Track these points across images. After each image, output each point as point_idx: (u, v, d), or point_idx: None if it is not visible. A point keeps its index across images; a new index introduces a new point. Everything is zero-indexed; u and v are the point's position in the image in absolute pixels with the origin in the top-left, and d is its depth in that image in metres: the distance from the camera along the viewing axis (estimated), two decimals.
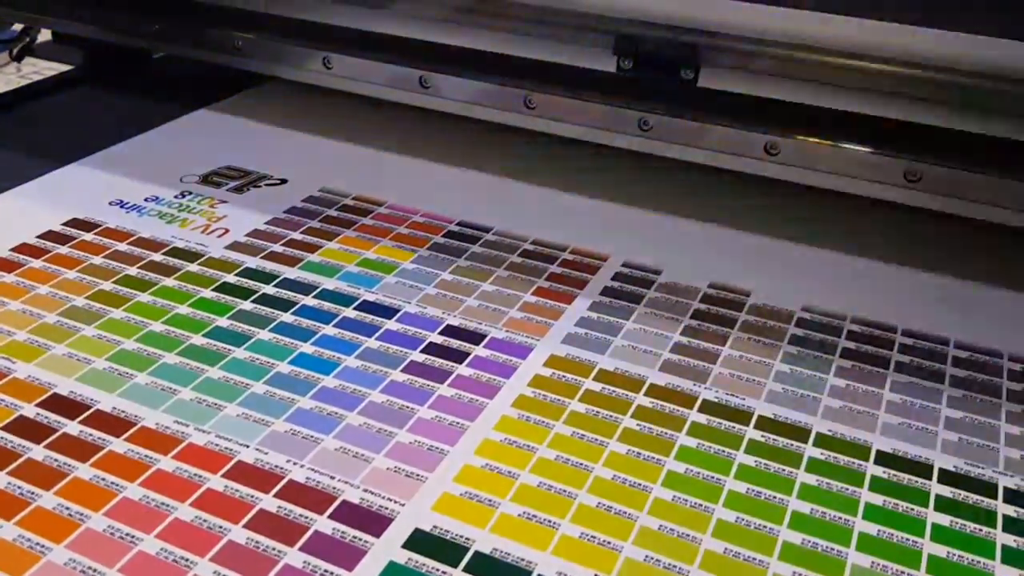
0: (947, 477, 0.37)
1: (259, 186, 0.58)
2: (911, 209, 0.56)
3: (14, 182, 0.57)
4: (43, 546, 0.32)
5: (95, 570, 0.32)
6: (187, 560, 0.32)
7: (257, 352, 0.43)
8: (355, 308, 0.46)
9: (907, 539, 0.34)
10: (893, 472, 0.37)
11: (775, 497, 0.36)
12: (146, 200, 0.56)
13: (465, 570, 0.32)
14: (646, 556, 0.33)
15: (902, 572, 0.33)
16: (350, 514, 0.34)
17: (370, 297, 0.47)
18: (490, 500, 0.35)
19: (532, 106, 0.62)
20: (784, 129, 0.57)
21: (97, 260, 0.49)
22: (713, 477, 0.37)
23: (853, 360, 0.44)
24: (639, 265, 0.51)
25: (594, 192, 0.58)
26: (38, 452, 0.36)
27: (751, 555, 0.33)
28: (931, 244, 0.54)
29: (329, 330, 0.45)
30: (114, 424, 0.38)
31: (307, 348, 0.43)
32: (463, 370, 0.42)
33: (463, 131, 0.65)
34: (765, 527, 0.34)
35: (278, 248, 0.51)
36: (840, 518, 0.35)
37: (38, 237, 0.51)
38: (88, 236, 0.52)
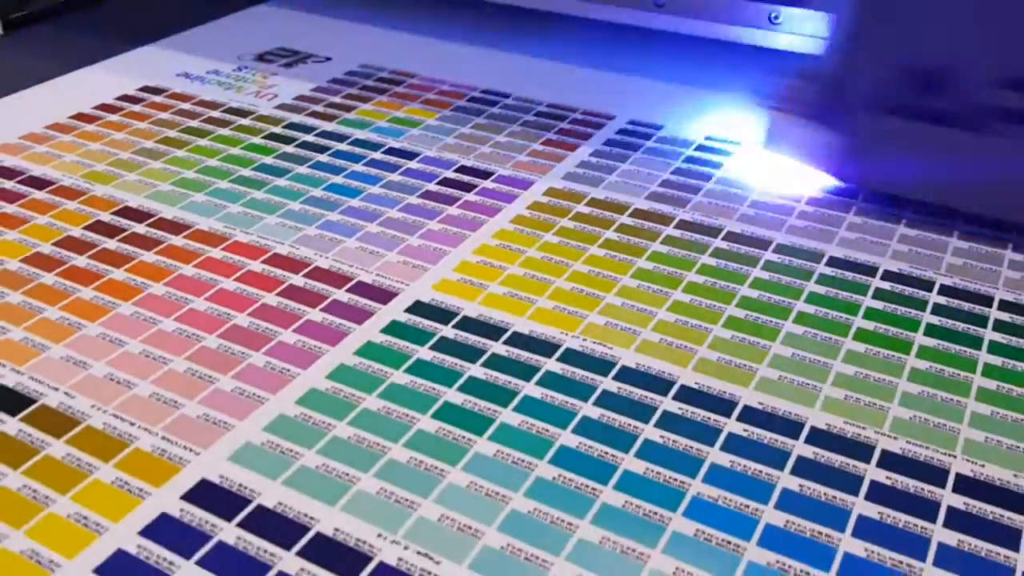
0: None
1: (306, 63, 0.65)
2: None
3: (97, 59, 0.64)
4: (113, 302, 0.40)
5: (154, 319, 0.39)
6: (228, 314, 0.39)
7: (296, 181, 0.50)
8: (382, 152, 0.53)
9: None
10: (839, 270, 0.42)
11: (730, 287, 0.41)
12: (207, 73, 0.63)
13: (455, 327, 0.38)
14: (607, 322, 0.39)
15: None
16: (363, 289, 0.41)
17: (395, 144, 0.53)
18: (481, 284, 0.41)
19: None
20: None
21: (164, 115, 0.57)
22: (677, 272, 0.42)
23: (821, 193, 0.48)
24: (643, 122, 0.56)
25: (609, 65, 0.63)
26: (111, 244, 0.44)
27: (699, 324, 0.39)
28: None
29: (358, 167, 0.51)
30: (175, 227, 0.45)
31: (338, 179, 0.50)
32: (470, 197, 0.48)
33: (489, 16, 0.70)
34: (715, 306, 0.40)
35: (319, 108, 0.58)
36: (785, 301, 0.40)
37: (115, 99, 0.59)
38: (157, 98, 0.59)
